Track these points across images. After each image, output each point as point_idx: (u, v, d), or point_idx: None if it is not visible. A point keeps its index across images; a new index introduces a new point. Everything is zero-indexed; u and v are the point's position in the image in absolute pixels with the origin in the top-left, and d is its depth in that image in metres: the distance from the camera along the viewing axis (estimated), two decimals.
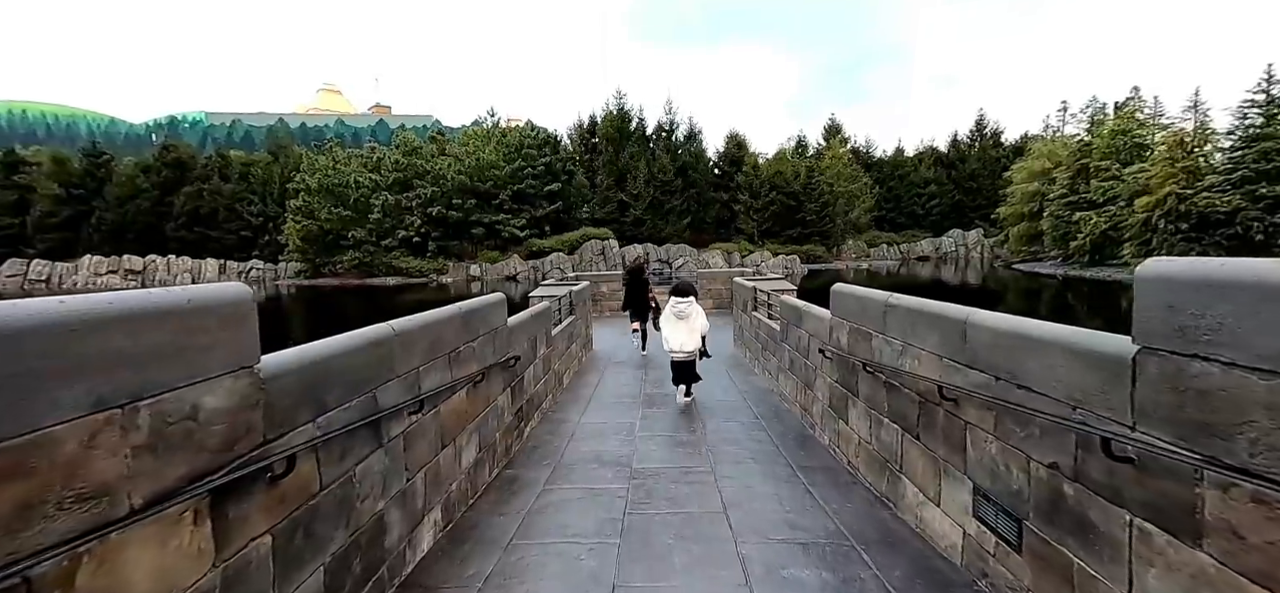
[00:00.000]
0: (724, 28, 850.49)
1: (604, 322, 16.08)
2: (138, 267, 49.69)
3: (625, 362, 10.81)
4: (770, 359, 8.52)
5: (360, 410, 2.77)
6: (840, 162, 52.91)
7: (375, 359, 2.96)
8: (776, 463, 5.24)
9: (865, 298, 4.64)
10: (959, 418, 3.20)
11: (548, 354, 7.46)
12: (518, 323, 5.95)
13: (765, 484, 4.70)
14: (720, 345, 11.91)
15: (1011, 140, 66.25)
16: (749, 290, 10.24)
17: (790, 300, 7.40)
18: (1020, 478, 2.67)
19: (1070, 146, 35.76)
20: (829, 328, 5.46)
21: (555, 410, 7.19)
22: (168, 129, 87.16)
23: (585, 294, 11.55)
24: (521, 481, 4.93)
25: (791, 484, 4.70)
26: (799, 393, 6.71)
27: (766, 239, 50.37)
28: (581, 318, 10.83)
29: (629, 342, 13.06)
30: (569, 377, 9.14)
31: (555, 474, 5.04)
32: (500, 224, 43.45)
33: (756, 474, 4.94)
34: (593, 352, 11.84)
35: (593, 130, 54.39)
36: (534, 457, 5.56)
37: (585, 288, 11.69)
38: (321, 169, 42.49)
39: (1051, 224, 33.23)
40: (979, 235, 60.58)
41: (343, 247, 41.82)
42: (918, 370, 3.67)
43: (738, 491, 4.54)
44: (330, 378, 2.53)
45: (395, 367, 3.16)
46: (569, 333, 9.32)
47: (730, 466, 5.16)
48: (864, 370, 4.56)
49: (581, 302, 10.91)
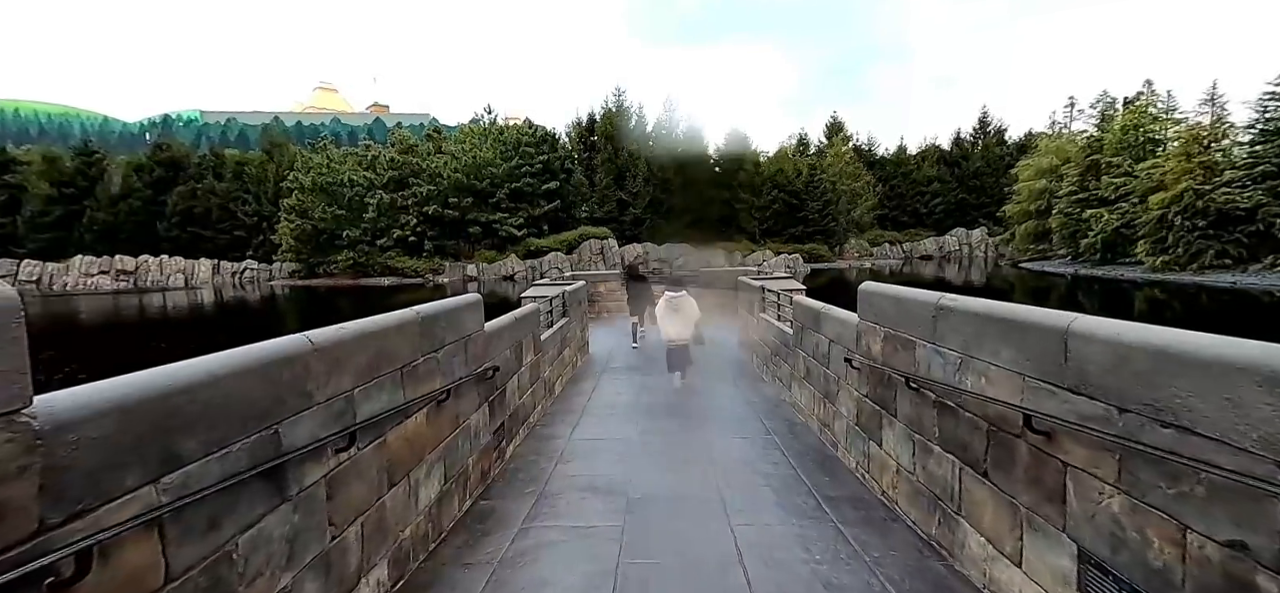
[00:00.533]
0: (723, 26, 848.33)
1: (601, 323, 15.36)
2: (129, 267, 48.92)
3: (622, 366, 10.09)
4: (781, 366, 7.77)
5: (250, 456, 2.01)
6: (843, 159, 52.16)
7: (276, 383, 2.20)
8: (796, 492, 4.49)
9: (907, 300, 3.88)
10: (1054, 458, 2.44)
11: (536, 361, 6.71)
12: (497, 328, 5.19)
13: (787, 522, 3.95)
14: (724, 350, 11.19)
15: (1015, 138, 65.58)
16: (756, 290, 9.50)
17: (806, 301, 6.66)
18: (1168, 554, 1.91)
19: (1079, 143, 35.00)
20: (856, 333, 4.71)
21: (544, 425, 6.45)
22: (162, 128, 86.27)
23: (581, 294, 10.81)
24: (498, 515, 4.18)
25: (818, 522, 3.94)
26: (817, 406, 5.96)
27: (768, 238, 49.64)
28: (576, 320, 10.08)
29: (627, 344, 12.34)
30: (562, 384, 8.41)
31: (538, 506, 4.29)
32: (497, 223, 42.71)
33: (774, 507, 4.19)
34: (589, 356, 11.11)
35: (591, 128, 53.66)
36: (516, 482, 4.81)
37: (580, 288, 10.95)
38: (316, 167, 41.75)
39: (1061, 222, 32.44)
40: (983, 234, 59.86)
41: (337, 246, 41.09)
42: (985, 391, 2.92)
43: (755, 531, 3.78)
44: (190, 416, 1.78)
45: (311, 391, 2.40)
46: (561, 337, 8.58)
47: (743, 493, 4.41)
48: (906, 386, 3.80)
49: (576, 303, 10.17)
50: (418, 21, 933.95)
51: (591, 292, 16.82)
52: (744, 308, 10.44)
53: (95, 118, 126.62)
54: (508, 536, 3.81)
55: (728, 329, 13.52)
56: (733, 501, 4.26)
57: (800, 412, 6.64)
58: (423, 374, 3.52)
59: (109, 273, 48.52)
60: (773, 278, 11.44)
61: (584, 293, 11.31)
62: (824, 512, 4.09)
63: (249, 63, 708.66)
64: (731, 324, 14.25)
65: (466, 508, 4.25)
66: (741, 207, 50.39)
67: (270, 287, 47.14)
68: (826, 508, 4.14)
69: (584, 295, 11.34)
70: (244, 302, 37.95)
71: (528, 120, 48.54)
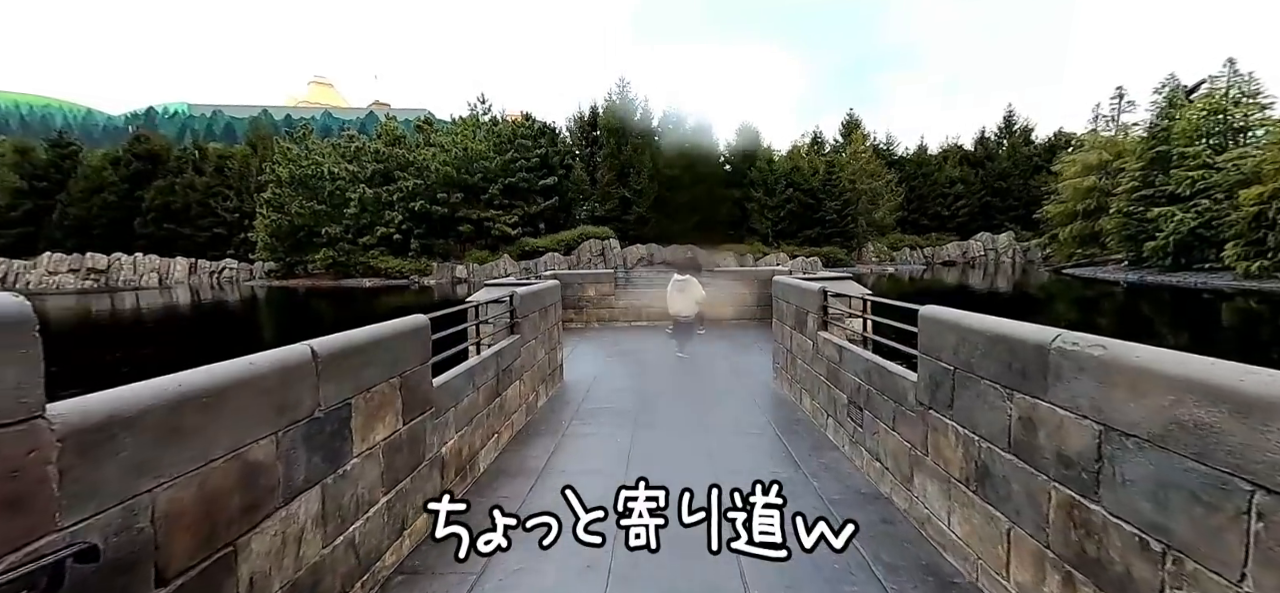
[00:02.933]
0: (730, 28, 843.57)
1: (588, 336, 11.99)
2: (101, 265, 46.02)
3: (609, 405, 6.77)
4: (876, 427, 4.41)
5: None
6: (862, 157, 48.69)
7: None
8: None
9: None
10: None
11: (398, 441, 3.36)
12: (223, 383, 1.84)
13: None
14: (753, 383, 7.85)
15: (1043, 138, 61.98)
16: (812, 296, 6.10)
17: (965, 320, 3.23)
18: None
19: (1135, 136, 31.44)
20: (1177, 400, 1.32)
21: (427, 559, 3.12)
22: (144, 120, 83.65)
23: (547, 299, 7.46)
24: None
25: None
26: (1006, 539, 2.58)
27: (782, 240, 46.21)
28: (538, 337, 6.74)
29: (620, 367, 9.02)
30: (506, 438, 5.09)
31: None
32: (490, 221, 39.49)
33: None
34: (561, 385, 7.78)
35: (593, 123, 50.36)
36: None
37: (547, 290, 7.60)
38: (294, 159, 38.66)
39: (1118, 223, 28.78)
40: (1010, 239, 56.13)
41: (315, 244, 37.95)
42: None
43: None
44: None
45: None
46: (507, 368, 5.23)
47: None
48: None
49: (539, 312, 6.84)
50: (423, 22, 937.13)
51: (578, 296, 13.46)
52: (788, 323, 7.07)
53: (78, 110, 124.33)
54: None
55: (745, 348, 10.14)
56: None
57: (935, 523, 3.25)
58: None
59: (79, 271, 45.62)
60: (824, 279, 8.04)
61: (555, 297, 7.96)
62: None
63: (250, 58, 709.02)
64: (750, 341, 10.86)
65: None
66: (753, 206, 46.97)
67: (251, 288, 44.14)
68: None
69: (555, 301, 7.98)
70: (202, 304, 34.78)
71: (525, 113, 45.36)
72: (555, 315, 7.87)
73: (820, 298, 5.85)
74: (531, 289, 6.61)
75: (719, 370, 8.73)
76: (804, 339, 6.35)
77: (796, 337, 6.66)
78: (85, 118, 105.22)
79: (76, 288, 43.82)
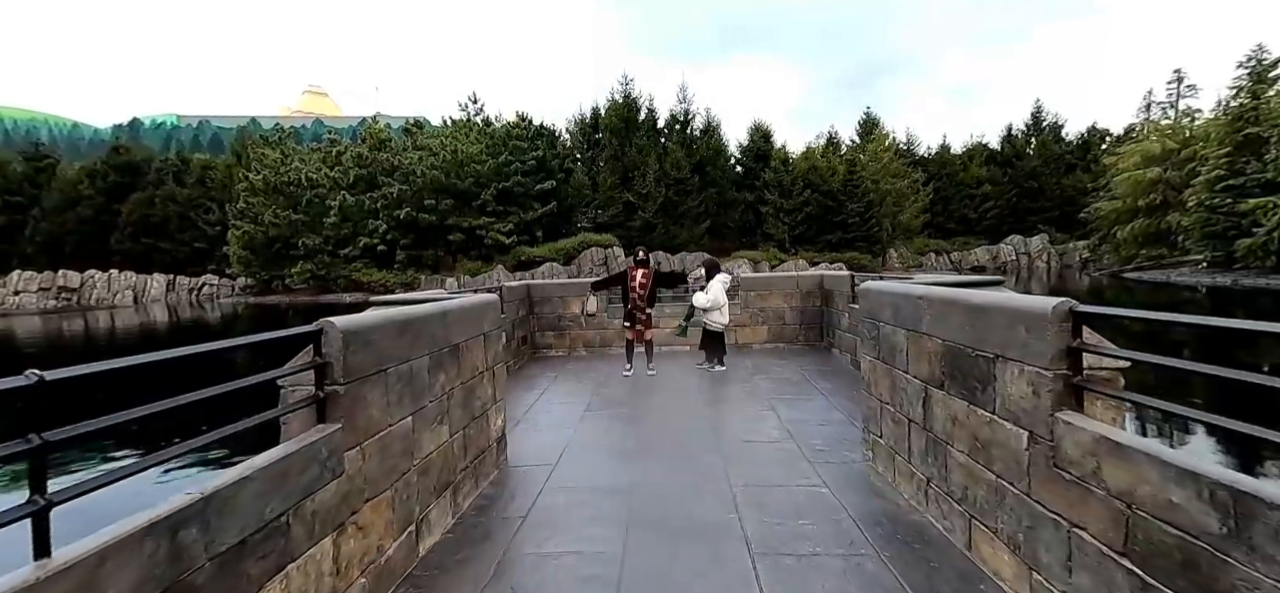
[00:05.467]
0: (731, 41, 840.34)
1: (571, 370, 8.52)
2: (74, 283, 43.24)
3: (572, 542, 3.28)
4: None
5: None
6: (885, 157, 45.16)
7: None
8: None
9: None
10: None
11: None
12: None
13: None
14: (834, 474, 4.31)
15: (1073, 135, 58.35)
16: (1010, 323, 2.64)
17: None
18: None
19: (1204, 120, 27.84)
20: None
21: None
22: (129, 131, 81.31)
23: (460, 329, 4.05)
24: None
25: None
26: None
27: (800, 245, 42.68)
28: (430, 407, 3.35)
29: (603, 429, 5.65)
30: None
31: None
32: (482, 229, 36.26)
33: None
34: (498, 476, 4.37)
35: (595, 124, 47.11)
36: None
37: (478, 307, 4.18)
38: (271, 164, 35.71)
39: (1199, 218, 24.97)
40: (1043, 241, 52.31)
41: (292, 257, 34.88)
42: None
43: None
44: None
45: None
46: (287, 514, 1.76)
47: None
48: None
49: (431, 356, 3.45)
50: (427, 37, 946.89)
51: (558, 314, 10.08)
52: (908, 371, 3.63)
53: (64, 123, 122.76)
54: None
55: (797, 389, 6.63)
56: None
57: None
58: None
59: (49, 290, 42.84)
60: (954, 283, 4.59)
61: (480, 325, 4.51)
62: None
63: (250, 70, 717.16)
64: (797, 377, 7.43)
65: None
66: (768, 210, 43.50)
67: (231, 305, 41.19)
68: None
69: (482, 331, 4.54)
70: (172, 323, 31.67)
71: (520, 113, 42.23)
72: (483, 356, 4.45)
73: (1057, 329, 2.39)
74: (398, 317, 3.19)
75: (765, 439, 5.29)
76: (978, 417, 2.89)
77: (947, 404, 3.20)
78: (71, 131, 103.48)
79: (39, 308, 40.96)
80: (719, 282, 7.99)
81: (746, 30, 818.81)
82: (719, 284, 7.96)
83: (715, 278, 8.03)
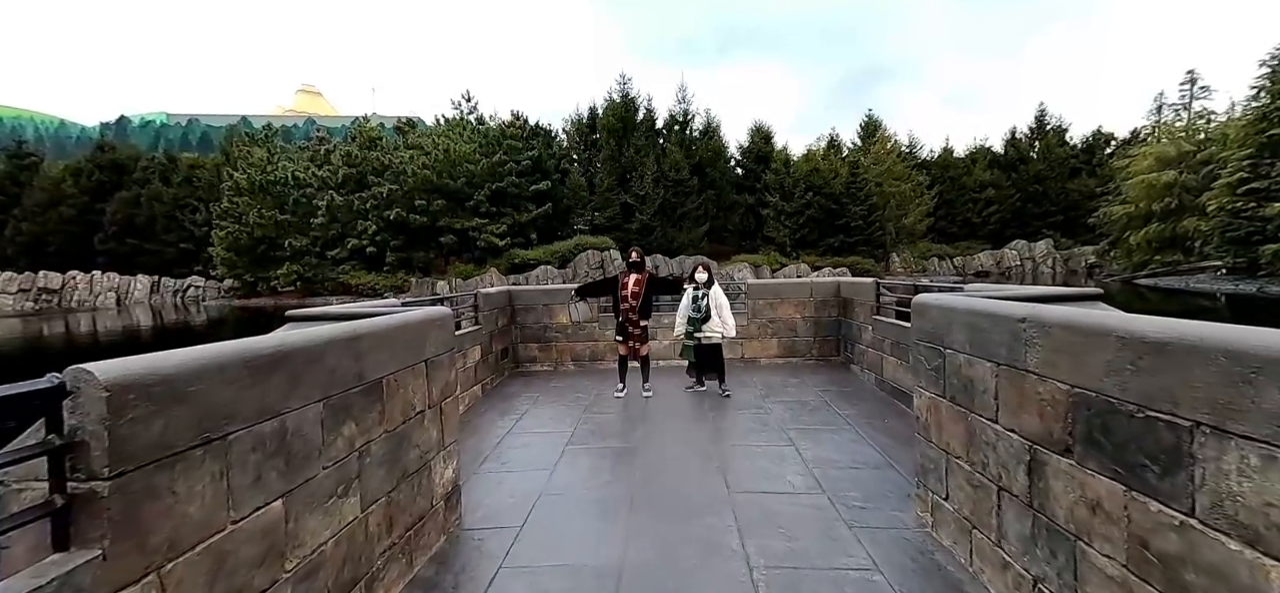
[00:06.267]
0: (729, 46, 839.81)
1: (554, 389, 7.38)
2: (55, 284, 42.02)
3: None
4: None
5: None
6: (888, 159, 44.24)
7: None
8: None
9: None
10: None
11: None
12: None
13: None
14: (880, 543, 3.20)
15: (1077, 138, 57.63)
16: (1102, 346, 1.58)
17: None
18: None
19: (1222, 121, 26.95)
20: None
21: None
22: (116, 130, 79.63)
23: (415, 342, 2.99)
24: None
25: None
26: None
27: (801, 249, 41.70)
28: (373, 451, 2.28)
29: (586, 474, 4.58)
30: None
31: None
32: (475, 231, 35.19)
33: None
34: (455, 525, 3.29)
35: (593, 125, 46.05)
36: None
37: (413, 326, 3.10)
38: (256, 163, 34.60)
39: (1220, 223, 24.03)
40: (1048, 246, 51.47)
41: (278, 258, 33.76)
42: None
43: None
44: None
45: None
46: None
47: None
48: None
49: (327, 406, 2.39)
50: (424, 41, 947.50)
51: (543, 324, 9.04)
52: (1000, 422, 2.59)
53: (51, 121, 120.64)
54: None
55: (817, 416, 5.46)
56: None
57: None
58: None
59: (29, 291, 41.61)
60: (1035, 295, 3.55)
61: (438, 342, 3.45)
62: None
63: (247, 69, 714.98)
64: (815, 401, 6.33)
65: None
66: (768, 212, 42.53)
67: (218, 308, 40.04)
68: None
69: (440, 349, 3.48)
70: (156, 325, 30.52)
71: (515, 113, 41.16)
72: (423, 391, 3.38)
73: None
74: (254, 351, 2.11)
75: (787, 490, 4.23)
76: (1150, 514, 1.81)
77: (1079, 481, 2.12)
78: (58, 129, 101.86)
79: (16, 309, 39.73)
80: (686, 305, 6.95)
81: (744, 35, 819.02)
82: (685, 308, 6.92)
83: (684, 299, 6.98)
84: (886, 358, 6.90)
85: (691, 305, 6.82)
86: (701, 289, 6.84)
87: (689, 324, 6.84)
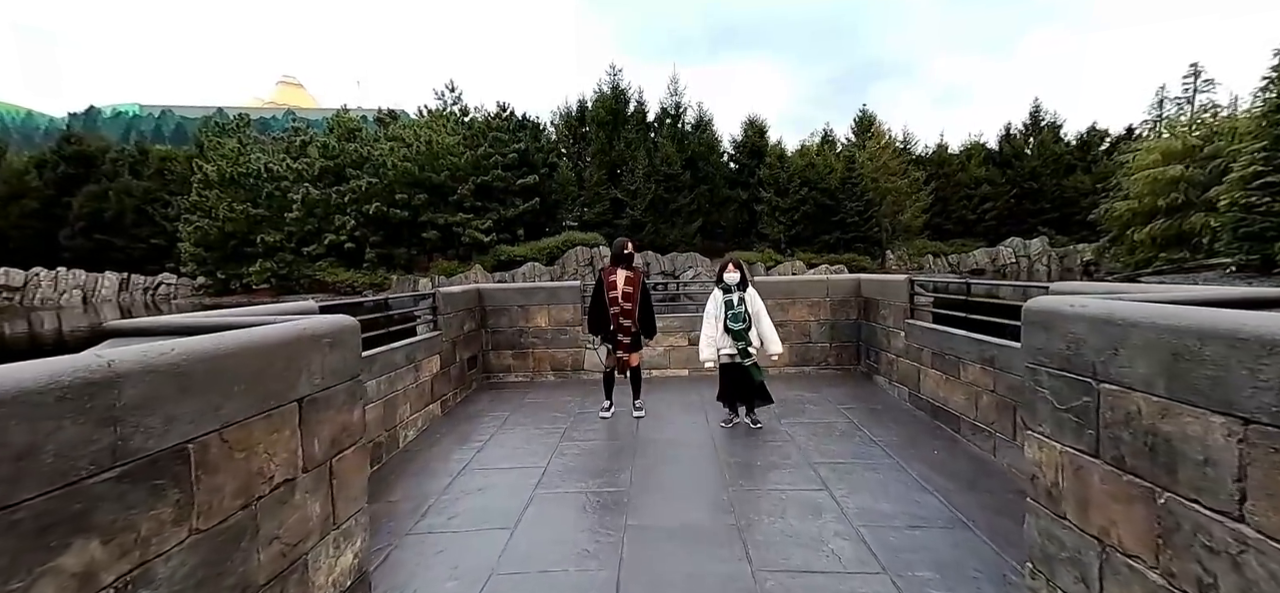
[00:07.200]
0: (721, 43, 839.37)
1: (528, 408, 6.03)
2: (17, 281, 40.09)
3: None
4: None
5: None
6: (885, 154, 43.36)
7: None
8: None
9: None
10: None
11: None
12: None
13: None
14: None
15: (1071, 135, 57.28)
16: None
17: None
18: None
19: (1227, 115, 26.18)
20: None
21: None
22: (85, 120, 76.49)
23: (285, 371, 1.78)
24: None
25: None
26: None
27: (796, 246, 40.72)
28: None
29: (564, 519, 3.29)
30: None
31: None
32: (459, 226, 33.82)
33: None
34: None
35: (582, 117, 44.71)
36: None
37: (284, 345, 1.89)
38: (227, 154, 32.99)
39: (1231, 219, 23.23)
40: (1043, 244, 50.99)
41: (250, 255, 32.20)
42: None
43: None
44: None
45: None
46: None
47: None
48: None
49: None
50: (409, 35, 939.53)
51: (519, 327, 7.82)
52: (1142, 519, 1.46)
53: (17, 112, 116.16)
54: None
55: (849, 445, 4.28)
56: None
57: None
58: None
59: None
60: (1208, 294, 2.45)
61: (326, 369, 2.26)
62: None
63: (229, 61, 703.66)
64: (842, 426, 5.09)
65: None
66: (763, 209, 41.51)
67: (190, 305, 38.39)
68: None
69: (331, 380, 2.29)
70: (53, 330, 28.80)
71: (501, 104, 39.77)
72: (297, 446, 2.19)
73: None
74: None
75: (830, 566, 3.05)
76: None
77: None
78: (25, 119, 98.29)
79: None
80: (713, 309, 5.49)
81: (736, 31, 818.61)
82: (712, 313, 5.44)
83: (710, 303, 5.51)
84: (926, 371, 5.77)
85: (728, 313, 5.30)
86: (734, 291, 5.35)
87: (734, 338, 5.28)
